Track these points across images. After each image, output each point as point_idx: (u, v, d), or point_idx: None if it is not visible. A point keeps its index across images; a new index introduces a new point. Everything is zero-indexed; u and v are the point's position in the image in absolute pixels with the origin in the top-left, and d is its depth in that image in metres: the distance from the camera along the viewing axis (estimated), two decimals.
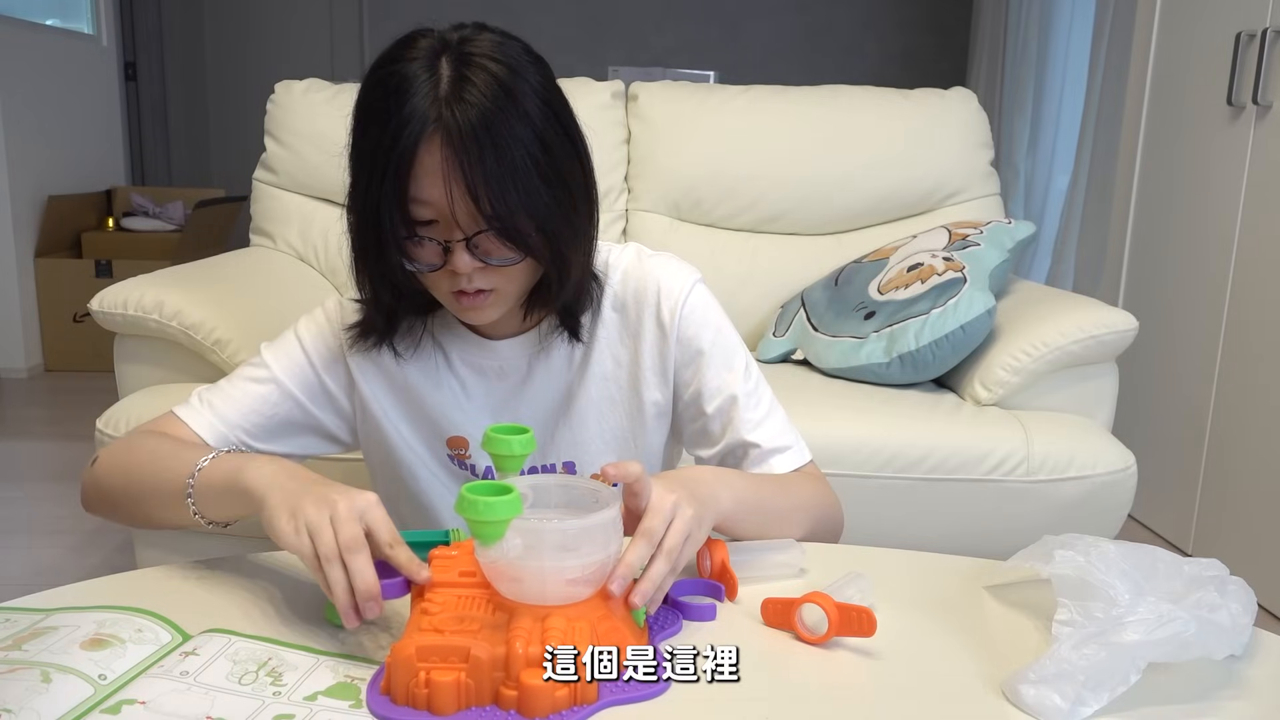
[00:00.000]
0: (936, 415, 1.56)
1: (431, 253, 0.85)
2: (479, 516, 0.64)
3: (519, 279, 0.88)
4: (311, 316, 1.02)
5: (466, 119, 0.79)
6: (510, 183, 0.81)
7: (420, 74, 0.82)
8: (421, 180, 0.81)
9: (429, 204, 0.82)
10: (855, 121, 2.05)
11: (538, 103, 0.83)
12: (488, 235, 0.83)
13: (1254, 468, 2.01)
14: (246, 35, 5.22)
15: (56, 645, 0.68)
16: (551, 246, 0.86)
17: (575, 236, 0.88)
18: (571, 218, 0.87)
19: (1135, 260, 2.47)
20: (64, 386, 3.53)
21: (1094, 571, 0.72)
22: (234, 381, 0.98)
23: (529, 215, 0.83)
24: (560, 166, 0.85)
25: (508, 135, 0.80)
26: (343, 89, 2.05)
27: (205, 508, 0.82)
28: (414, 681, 0.63)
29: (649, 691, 0.66)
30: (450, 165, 0.79)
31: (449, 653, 0.64)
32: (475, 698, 0.64)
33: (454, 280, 0.86)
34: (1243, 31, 2.04)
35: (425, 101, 0.80)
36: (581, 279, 0.93)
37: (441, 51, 0.83)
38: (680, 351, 0.99)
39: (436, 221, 0.83)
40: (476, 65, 0.81)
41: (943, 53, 5.01)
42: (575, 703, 0.64)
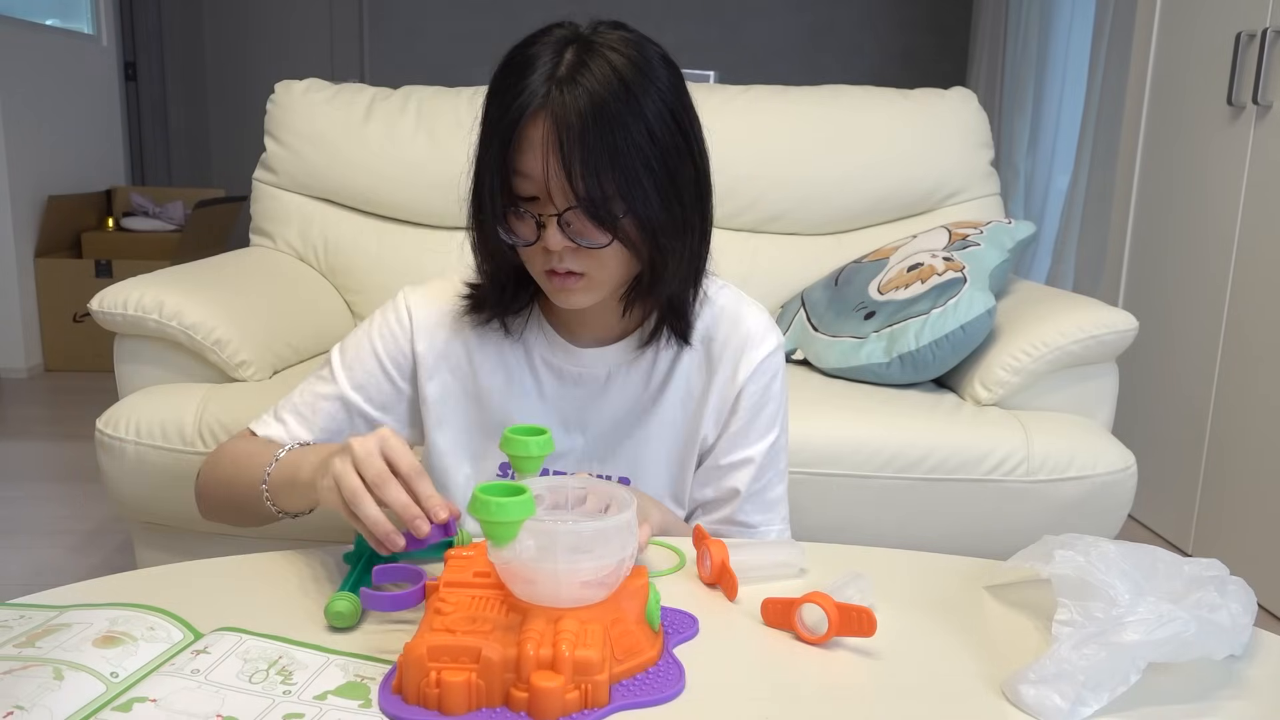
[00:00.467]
0: (936, 415, 1.56)
1: (528, 227, 0.87)
2: (491, 517, 0.64)
3: (610, 267, 0.89)
4: (383, 313, 1.03)
5: (574, 98, 0.82)
6: (607, 165, 0.83)
7: (544, 56, 0.85)
8: (524, 154, 0.84)
9: (529, 178, 0.85)
10: (855, 121, 2.05)
11: (656, 98, 0.85)
12: (579, 214, 0.85)
13: (1254, 468, 2.01)
14: (246, 35, 5.22)
15: (69, 642, 0.69)
16: (646, 236, 0.87)
17: (676, 233, 0.89)
18: (673, 213, 0.88)
19: (1135, 260, 2.47)
20: (64, 386, 3.53)
21: (1094, 571, 0.72)
22: (305, 396, 1.01)
23: (623, 200, 0.84)
24: (668, 161, 0.86)
25: (613, 120, 0.82)
26: (343, 89, 2.05)
27: (283, 503, 0.87)
28: (425, 681, 0.63)
29: (662, 695, 0.66)
30: (551, 141, 0.82)
31: (460, 653, 0.64)
32: (486, 699, 0.64)
33: (546, 258, 0.88)
34: (1243, 31, 2.04)
35: (540, 79, 0.83)
36: (684, 280, 0.94)
37: (571, 41, 0.86)
38: (737, 402, 1.01)
39: (537, 198, 0.86)
40: (599, 55, 0.84)
41: (943, 53, 5.01)
42: (586, 706, 0.64)
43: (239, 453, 0.96)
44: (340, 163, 1.98)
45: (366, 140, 1.97)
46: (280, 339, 1.71)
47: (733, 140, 2.01)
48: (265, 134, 2.02)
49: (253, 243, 2.04)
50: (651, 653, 0.69)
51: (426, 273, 1.08)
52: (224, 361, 1.58)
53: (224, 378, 1.61)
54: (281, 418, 1.00)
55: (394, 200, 1.98)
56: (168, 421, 1.50)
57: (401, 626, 0.75)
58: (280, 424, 1.00)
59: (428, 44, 5.05)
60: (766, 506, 1.04)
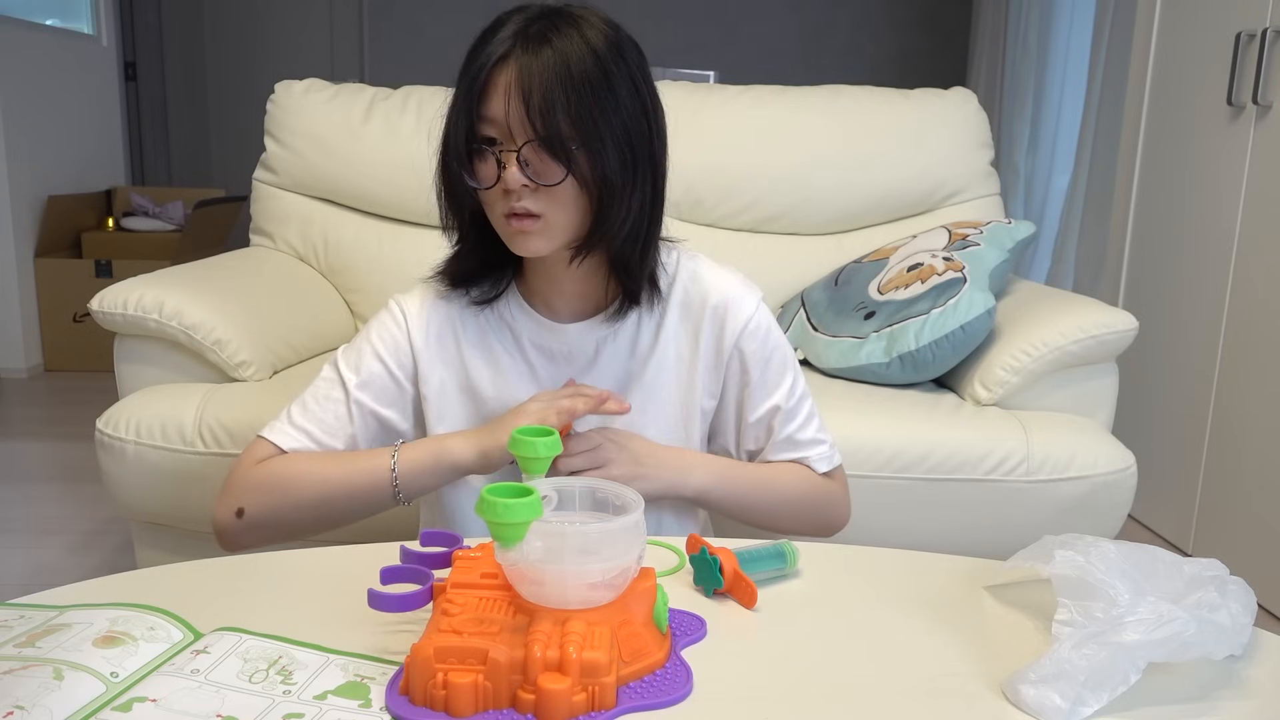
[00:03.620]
0: (936, 415, 1.56)
1: (490, 169, 0.92)
2: (499, 519, 0.64)
3: (565, 208, 0.93)
4: (379, 318, 1.07)
5: (540, 51, 0.89)
6: (564, 100, 0.88)
7: (515, 20, 0.92)
8: (489, 99, 0.90)
9: (492, 121, 0.90)
10: (855, 121, 2.05)
11: (621, 63, 0.92)
12: (535, 149, 0.89)
13: (1254, 468, 2.01)
14: (246, 35, 5.22)
15: (69, 642, 0.69)
16: (596, 175, 0.91)
17: (626, 180, 0.93)
18: (624, 159, 0.93)
19: (1135, 260, 2.47)
20: (64, 386, 3.53)
21: (1094, 571, 0.72)
22: (320, 403, 1.04)
23: (577, 136, 0.89)
24: (623, 109, 0.92)
25: (574, 66, 0.89)
26: (343, 89, 2.05)
27: (410, 492, 0.99)
28: (432, 682, 0.63)
29: (669, 698, 0.66)
30: (515, 83, 0.89)
31: (467, 654, 0.64)
32: (493, 700, 0.63)
33: (507, 201, 0.92)
34: (1243, 31, 2.04)
35: (508, 35, 0.90)
36: (634, 236, 0.97)
37: (539, 15, 0.92)
38: (737, 365, 1.06)
39: (498, 141, 0.91)
40: (565, 20, 0.92)
41: (943, 53, 5.01)
42: (593, 708, 0.64)
43: (314, 471, 1.00)
44: (340, 163, 1.98)
45: (366, 140, 1.97)
46: (280, 339, 1.71)
47: (733, 140, 2.01)
48: (265, 134, 2.02)
49: (253, 243, 2.04)
50: (659, 655, 0.69)
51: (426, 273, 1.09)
52: (224, 361, 1.58)
53: (224, 378, 1.61)
54: (301, 426, 1.02)
55: (394, 200, 1.98)
56: (168, 421, 1.50)
57: (405, 627, 0.75)
58: (303, 434, 1.02)
59: (428, 44, 5.05)
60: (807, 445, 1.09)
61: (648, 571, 0.72)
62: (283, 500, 0.99)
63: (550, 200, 0.92)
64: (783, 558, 0.85)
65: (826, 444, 1.10)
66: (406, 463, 0.97)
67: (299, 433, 1.02)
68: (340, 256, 1.98)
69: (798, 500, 1.08)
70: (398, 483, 0.97)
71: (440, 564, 0.77)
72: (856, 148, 2.03)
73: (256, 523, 1.00)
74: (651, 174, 0.96)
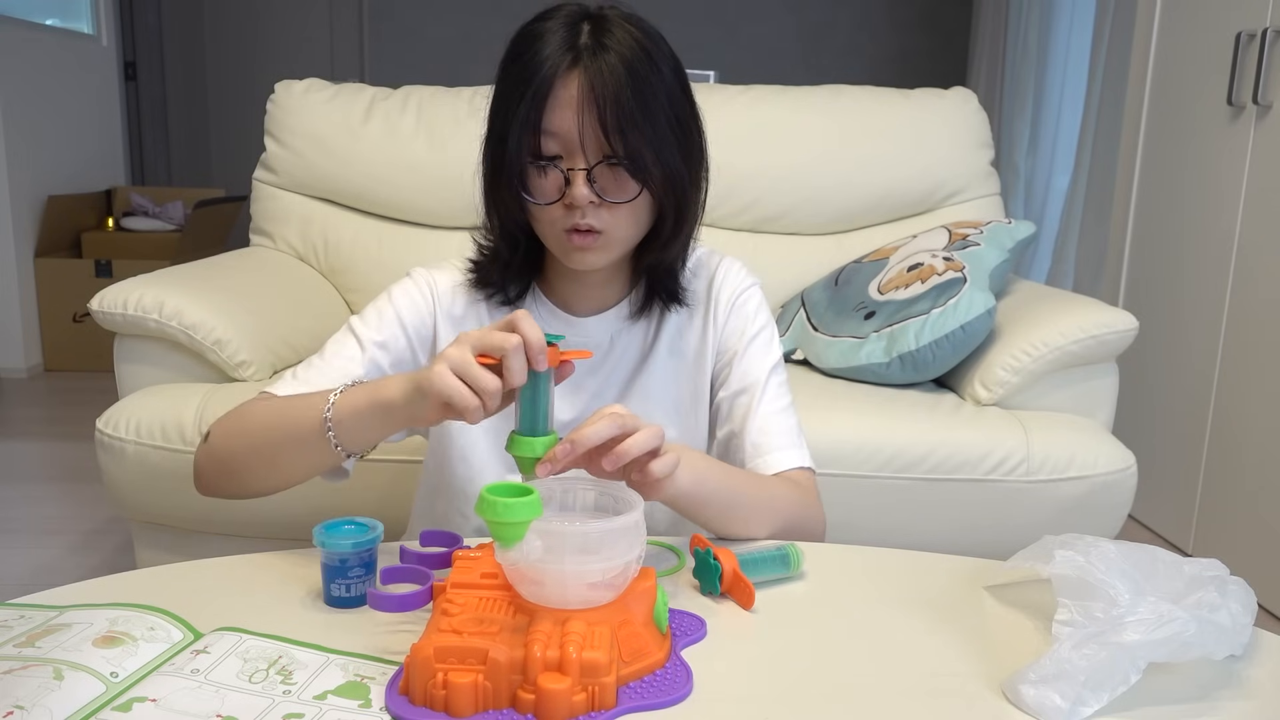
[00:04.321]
0: (936, 415, 1.56)
1: (552, 184, 0.90)
2: (499, 518, 0.64)
3: (630, 223, 0.92)
4: (403, 286, 1.04)
5: (607, 61, 0.87)
6: (642, 119, 0.87)
7: (561, 29, 0.89)
8: (554, 112, 0.87)
9: (557, 136, 0.88)
10: (855, 121, 2.05)
11: (668, 66, 0.91)
12: (610, 168, 0.88)
13: (1254, 468, 2.01)
14: (246, 35, 5.22)
15: (69, 642, 0.69)
16: (672, 189, 0.92)
17: (694, 190, 0.95)
18: (691, 170, 0.94)
19: (1135, 260, 2.47)
20: (64, 386, 3.53)
21: (1094, 571, 0.72)
22: (328, 360, 0.98)
23: (654, 153, 0.89)
24: (684, 122, 0.92)
25: (643, 80, 0.88)
26: (343, 89, 2.05)
27: (345, 438, 0.84)
28: (432, 682, 0.63)
29: (669, 698, 0.66)
30: (586, 96, 0.86)
31: (467, 654, 0.64)
32: (493, 700, 0.63)
33: (568, 216, 0.90)
34: (1243, 31, 2.04)
35: (565, 45, 0.88)
36: (688, 239, 0.99)
37: (582, 17, 0.90)
38: (724, 338, 1.05)
39: (561, 157, 0.89)
40: (615, 24, 0.90)
41: (943, 53, 5.01)
42: (593, 708, 0.64)
43: (272, 406, 0.91)
44: (340, 163, 1.98)
45: (366, 140, 1.97)
46: (280, 339, 1.71)
47: (733, 140, 2.01)
48: (265, 134, 2.02)
49: (253, 243, 2.04)
50: (659, 655, 0.69)
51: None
52: (224, 361, 1.58)
53: (224, 378, 1.61)
54: (305, 379, 0.96)
55: (394, 200, 1.98)
56: (168, 421, 1.50)
57: (405, 627, 0.75)
58: (305, 386, 0.95)
59: (428, 44, 5.05)
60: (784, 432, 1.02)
61: (648, 571, 0.72)
62: (238, 429, 0.91)
63: (615, 216, 0.91)
64: (786, 561, 0.85)
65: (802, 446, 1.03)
66: (343, 401, 0.84)
67: (301, 385, 0.96)
68: (340, 256, 1.98)
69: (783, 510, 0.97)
70: (330, 420, 0.83)
71: (440, 564, 0.77)
72: (856, 148, 2.03)
73: (215, 452, 0.92)
74: (705, 170, 0.97)
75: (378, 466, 1.48)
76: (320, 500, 1.50)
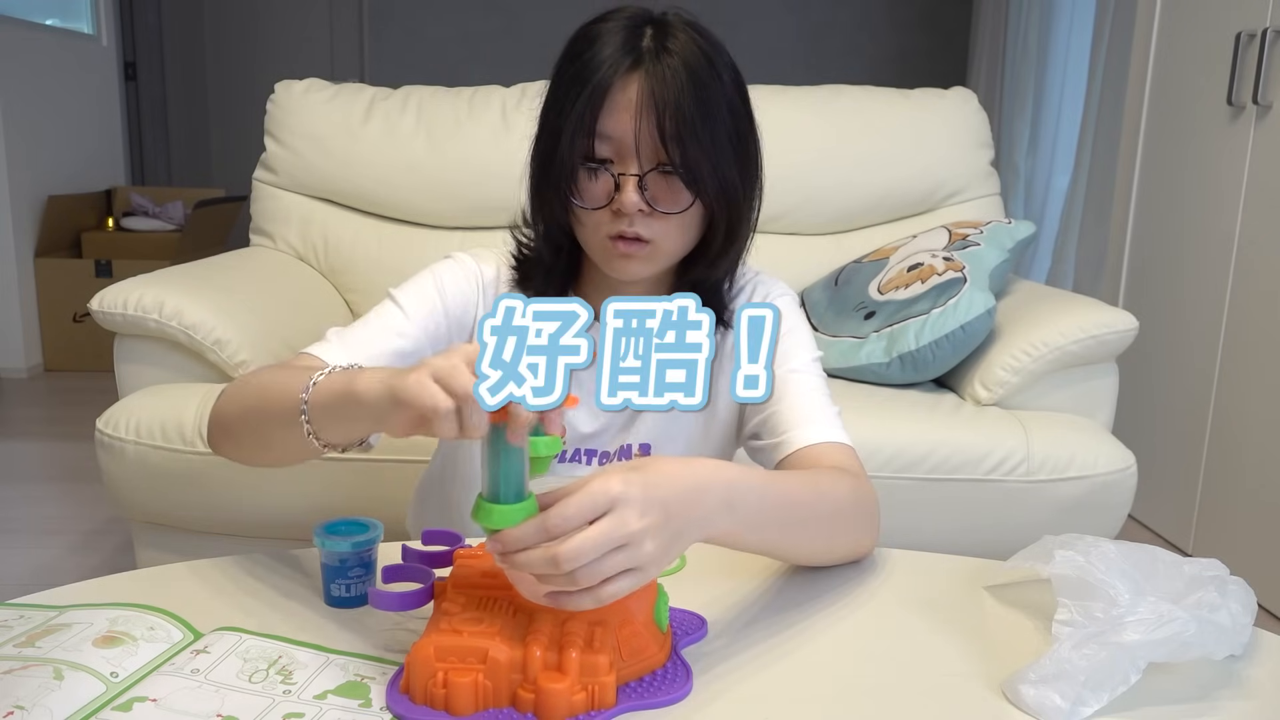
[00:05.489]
0: (936, 415, 1.56)
1: (601, 188, 0.87)
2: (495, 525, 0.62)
3: (679, 234, 0.90)
4: (450, 269, 0.99)
5: (670, 65, 0.84)
6: (702, 128, 0.85)
7: (622, 29, 0.87)
8: (611, 114, 0.85)
9: (611, 139, 0.86)
10: (855, 121, 2.05)
11: (729, 75, 0.89)
12: (664, 176, 0.86)
13: (1254, 468, 2.01)
14: (246, 35, 5.22)
15: (69, 642, 0.69)
16: (726, 203, 0.89)
17: (748, 204, 0.92)
18: (747, 186, 0.91)
19: (1135, 260, 2.47)
20: (64, 386, 3.53)
21: (1094, 571, 0.72)
22: (371, 329, 0.93)
23: (711, 164, 0.86)
24: (745, 135, 0.90)
25: (705, 88, 0.85)
26: (343, 89, 2.05)
27: (320, 427, 0.75)
28: (432, 681, 0.63)
29: (669, 697, 0.66)
30: (645, 103, 0.84)
31: (467, 653, 0.64)
32: (493, 699, 0.63)
33: (615, 223, 0.88)
34: (1243, 31, 2.04)
35: (626, 47, 0.85)
36: (738, 257, 0.96)
37: (645, 20, 0.88)
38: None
39: (612, 161, 0.87)
40: (678, 30, 0.87)
41: (943, 53, 5.01)
42: (593, 707, 0.64)
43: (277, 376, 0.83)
44: (340, 163, 1.98)
45: (366, 140, 1.97)
46: (280, 339, 1.71)
47: None
48: (265, 134, 2.02)
49: (253, 243, 2.04)
50: (660, 655, 0.69)
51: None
52: (224, 361, 1.58)
53: (224, 378, 1.61)
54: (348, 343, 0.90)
55: (394, 200, 1.98)
56: (168, 421, 1.50)
57: (404, 626, 0.75)
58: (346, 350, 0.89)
59: (428, 44, 5.05)
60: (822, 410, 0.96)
61: None
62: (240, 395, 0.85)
63: (665, 226, 0.88)
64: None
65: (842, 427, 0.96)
66: (323, 384, 0.75)
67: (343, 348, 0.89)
68: (340, 256, 1.98)
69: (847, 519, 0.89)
70: (306, 404, 0.75)
71: (441, 563, 0.77)
72: (856, 148, 2.03)
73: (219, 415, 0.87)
74: (760, 185, 0.94)
75: (378, 466, 1.48)
76: (320, 500, 1.51)
